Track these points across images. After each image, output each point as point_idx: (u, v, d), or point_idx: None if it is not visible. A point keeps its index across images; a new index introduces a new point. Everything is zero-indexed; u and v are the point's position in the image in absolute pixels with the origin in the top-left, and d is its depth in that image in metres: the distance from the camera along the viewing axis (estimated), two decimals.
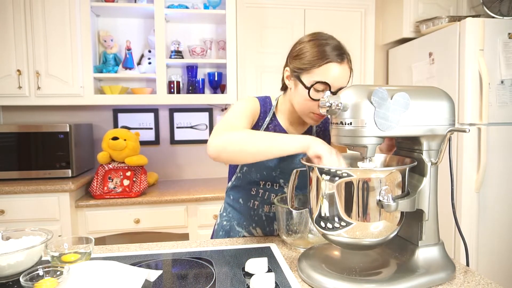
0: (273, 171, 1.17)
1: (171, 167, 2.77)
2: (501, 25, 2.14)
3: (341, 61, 1.02)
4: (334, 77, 1.01)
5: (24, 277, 0.78)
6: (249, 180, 1.20)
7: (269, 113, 1.18)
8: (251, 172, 1.19)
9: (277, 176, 1.18)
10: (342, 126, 0.84)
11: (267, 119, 1.18)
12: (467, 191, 2.15)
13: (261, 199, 1.21)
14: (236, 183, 1.25)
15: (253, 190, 1.21)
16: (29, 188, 2.06)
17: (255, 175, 1.18)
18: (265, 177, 1.18)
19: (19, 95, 2.30)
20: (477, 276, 0.90)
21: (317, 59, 1.01)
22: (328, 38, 1.06)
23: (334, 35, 1.10)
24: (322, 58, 1.01)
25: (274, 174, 1.17)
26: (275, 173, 1.17)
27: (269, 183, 1.19)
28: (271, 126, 1.18)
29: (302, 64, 1.04)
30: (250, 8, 2.77)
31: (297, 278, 0.89)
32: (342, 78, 1.02)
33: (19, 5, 2.25)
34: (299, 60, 1.05)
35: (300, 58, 1.05)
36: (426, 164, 0.88)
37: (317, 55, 1.01)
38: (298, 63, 1.05)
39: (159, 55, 2.39)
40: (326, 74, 1.01)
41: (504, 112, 2.17)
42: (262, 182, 1.19)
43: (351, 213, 0.80)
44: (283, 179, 1.19)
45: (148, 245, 1.12)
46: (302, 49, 1.05)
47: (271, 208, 1.22)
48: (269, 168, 1.16)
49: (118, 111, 2.68)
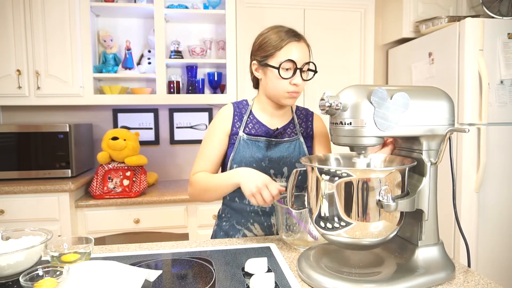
0: (262, 161, 1.21)
1: (171, 167, 2.77)
2: (500, 25, 2.15)
3: (298, 40, 1.16)
4: (297, 54, 1.14)
5: (23, 277, 0.78)
6: None
7: (245, 113, 1.27)
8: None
9: (266, 166, 1.22)
10: (342, 126, 0.84)
11: (244, 119, 1.26)
12: (467, 191, 2.15)
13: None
14: None
15: None
16: (28, 188, 2.06)
17: None
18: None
19: (18, 95, 2.30)
20: (477, 276, 0.90)
21: (278, 43, 1.15)
22: (281, 26, 1.20)
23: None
24: (282, 41, 1.14)
25: (263, 165, 1.21)
26: (264, 164, 1.21)
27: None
28: (250, 124, 1.26)
29: (266, 51, 1.17)
30: (250, 8, 2.77)
31: (296, 278, 0.89)
32: (304, 54, 1.15)
33: (19, 5, 2.25)
34: (262, 49, 1.18)
35: (263, 48, 1.18)
36: (425, 164, 0.88)
37: (277, 39, 1.15)
38: (262, 52, 1.18)
39: (158, 55, 2.39)
40: (289, 53, 1.14)
41: (504, 112, 2.17)
42: None
43: (350, 213, 0.80)
44: (272, 169, 1.22)
45: (148, 245, 1.12)
46: (263, 40, 1.19)
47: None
48: (258, 160, 1.21)
49: (118, 111, 2.68)
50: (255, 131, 1.24)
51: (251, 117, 1.27)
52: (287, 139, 1.25)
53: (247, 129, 1.25)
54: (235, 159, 1.22)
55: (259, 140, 1.23)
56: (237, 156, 1.22)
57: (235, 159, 1.22)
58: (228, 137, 1.25)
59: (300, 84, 1.15)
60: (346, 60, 2.98)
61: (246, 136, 1.23)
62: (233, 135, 1.25)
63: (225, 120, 1.26)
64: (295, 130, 1.28)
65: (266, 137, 1.24)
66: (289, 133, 1.27)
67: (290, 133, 1.27)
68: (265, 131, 1.25)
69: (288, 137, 1.26)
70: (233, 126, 1.26)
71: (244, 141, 1.23)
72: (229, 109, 1.28)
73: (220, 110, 1.30)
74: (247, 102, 1.32)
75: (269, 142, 1.23)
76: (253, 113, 1.28)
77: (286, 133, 1.26)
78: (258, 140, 1.23)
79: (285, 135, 1.26)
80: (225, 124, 1.26)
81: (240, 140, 1.23)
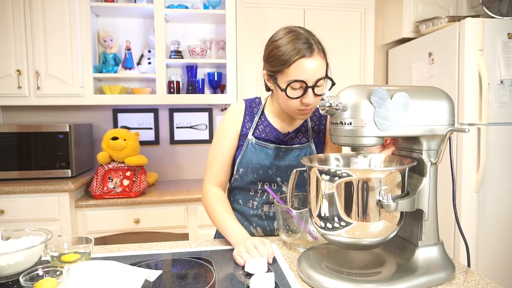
0: (269, 169, 1.18)
1: (171, 167, 2.77)
2: (500, 25, 2.15)
3: (310, 54, 1.01)
4: (307, 72, 1.01)
5: (23, 277, 0.78)
6: (246, 181, 1.21)
7: (257, 113, 1.21)
8: (248, 173, 1.19)
9: (274, 174, 1.19)
10: (342, 126, 0.84)
11: (255, 120, 1.20)
12: (466, 191, 2.15)
13: (259, 199, 1.22)
14: (235, 185, 1.25)
15: (251, 191, 1.22)
16: (29, 188, 2.06)
17: (252, 175, 1.19)
18: (262, 176, 1.19)
19: (18, 95, 2.30)
20: (477, 276, 0.90)
21: (288, 58, 1.01)
22: (296, 32, 1.05)
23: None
24: (291, 57, 1.00)
25: (270, 172, 1.18)
26: (271, 171, 1.18)
27: (267, 183, 1.20)
28: (261, 126, 1.20)
29: (274, 66, 1.05)
30: (250, 8, 2.77)
31: (297, 278, 0.89)
32: (316, 71, 1.02)
33: (19, 5, 2.25)
34: (270, 63, 1.06)
35: (271, 61, 1.06)
36: (425, 164, 0.88)
37: (285, 54, 1.01)
38: (270, 66, 1.06)
39: (158, 55, 2.39)
40: (298, 72, 1.01)
41: (504, 112, 2.17)
42: (260, 183, 1.20)
43: (350, 213, 0.80)
44: (279, 177, 1.19)
45: (148, 245, 1.12)
46: (272, 49, 1.05)
47: (271, 207, 1.22)
48: (265, 167, 1.17)
49: (118, 111, 2.68)
50: (265, 135, 1.19)
51: (263, 118, 1.21)
52: (297, 146, 1.19)
53: (257, 131, 1.20)
54: (242, 163, 1.19)
55: (268, 147, 1.18)
56: (244, 160, 1.19)
57: (242, 163, 1.19)
58: (238, 137, 1.21)
59: (312, 103, 1.05)
60: (346, 60, 2.98)
61: (255, 140, 1.19)
62: (243, 135, 1.20)
63: (236, 118, 1.21)
64: (307, 135, 1.21)
65: (275, 143, 1.19)
66: (300, 137, 1.21)
67: (301, 138, 1.21)
68: (275, 136, 1.19)
69: (299, 144, 1.20)
70: (243, 126, 1.21)
71: (252, 145, 1.18)
72: (240, 107, 1.22)
73: (231, 106, 1.25)
74: (260, 101, 1.24)
75: (278, 149, 1.18)
76: (264, 114, 1.22)
77: (298, 137, 1.21)
78: (267, 146, 1.18)
79: (296, 140, 1.20)
80: (236, 123, 1.20)
81: (248, 144, 1.19)
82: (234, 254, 1.00)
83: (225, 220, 1.12)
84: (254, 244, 0.99)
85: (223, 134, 1.21)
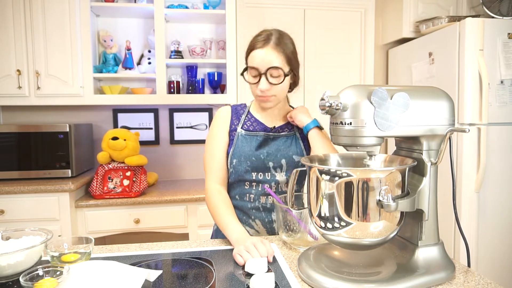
0: (261, 154, 1.24)
1: (171, 167, 2.77)
2: (500, 25, 2.15)
3: (263, 46, 1.16)
4: (258, 60, 1.16)
5: (24, 277, 0.78)
6: (241, 171, 1.25)
7: (243, 114, 1.32)
8: (241, 162, 1.24)
9: (266, 159, 1.24)
10: (342, 126, 0.84)
11: (242, 118, 1.30)
12: (467, 191, 2.15)
13: (255, 191, 1.26)
14: (231, 180, 1.29)
15: (246, 184, 1.26)
16: (29, 188, 2.06)
17: (245, 163, 1.24)
18: (255, 164, 1.24)
19: (18, 95, 2.30)
20: (477, 276, 0.90)
21: (248, 49, 1.21)
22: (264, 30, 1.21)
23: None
24: (248, 49, 1.20)
25: (262, 157, 1.24)
26: (263, 156, 1.24)
27: (261, 174, 1.24)
28: (248, 122, 1.30)
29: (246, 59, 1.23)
30: (250, 8, 2.77)
31: (297, 278, 0.89)
32: (266, 60, 1.15)
33: (19, 5, 2.25)
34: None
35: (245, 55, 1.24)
36: (426, 164, 0.88)
37: (248, 47, 1.21)
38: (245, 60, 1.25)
39: (159, 55, 2.39)
40: (252, 59, 1.18)
41: (504, 112, 2.17)
42: (254, 174, 1.24)
43: (351, 213, 0.80)
44: (272, 162, 1.24)
45: (148, 245, 1.12)
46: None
47: (267, 198, 1.26)
48: (257, 153, 1.23)
49: (118, 111, 2.68)
50: (253, 128, 1.29)
51: (249, 116, 1.32)
52: (284, 134, 1.29)
53: (245, 126, 1.29)
54: (235, 154, 1.25)
55: (257, 135, 1.27)
56: (236, 150, 1.25)
57: (234, 154, 1.25)
58: (228, 134, 1.29)
59: (265, 89, 1.16)
60: (346, 60, 2.99)
61: (244, 131, 1.28)
62: (232, 131, 1.29)
63: (224, 118, 1.31)
64: (293, 130, 1.31)
65: (263, 132, 1.27)
66: (286, 131, 1.30)
67: (287, 129, 1.31)
68: (263, 128, 1.28)
69: (286, 131, 1.30)
70: (232, 124, 1.30)
71: (242, 136, 1.27)
72: (227, 110, 1.33)
73: (217, 111, 1.35)
74: (245, 105, 1.37)
75: (266, 137, 1.27)
76: (250, 112, 1.33)
77: (284, 130, 1.30)
78: (256, 134, 1.27)
79: (282, 132, 1.30)
80: (224, 122, 1.31)
81: (238, 136, 1.27)
82: (234, 253, 1.01)
83: (225, 217, 1.17)
84: (254, 244, 1.00)
85: (215, 134, 1.30)
